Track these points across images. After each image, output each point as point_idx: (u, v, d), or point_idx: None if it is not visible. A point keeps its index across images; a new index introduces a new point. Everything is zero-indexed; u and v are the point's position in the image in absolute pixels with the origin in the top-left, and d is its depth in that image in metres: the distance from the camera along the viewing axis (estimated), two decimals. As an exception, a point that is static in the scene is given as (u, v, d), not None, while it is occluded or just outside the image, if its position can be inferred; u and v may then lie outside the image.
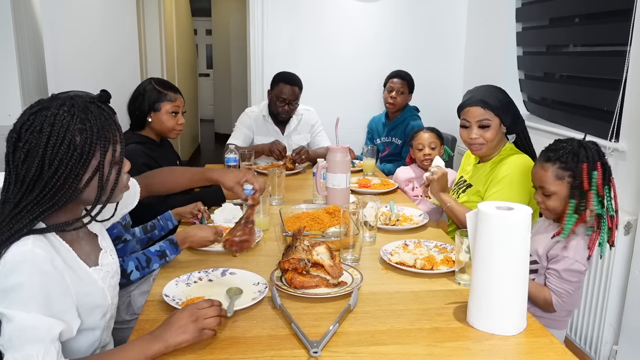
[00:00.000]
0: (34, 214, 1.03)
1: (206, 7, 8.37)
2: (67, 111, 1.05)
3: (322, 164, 2.18)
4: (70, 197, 1.07)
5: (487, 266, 1.21)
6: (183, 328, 1.10)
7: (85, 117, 1.06)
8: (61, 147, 1.04)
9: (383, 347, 1.15)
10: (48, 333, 1.00)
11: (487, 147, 1.93)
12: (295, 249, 1.42)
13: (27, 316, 0.98)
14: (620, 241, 2.17)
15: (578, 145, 1.51)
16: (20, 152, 1.04)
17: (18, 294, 0.98)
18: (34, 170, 1.03)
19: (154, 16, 5.08)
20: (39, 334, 0.99)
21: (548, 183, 1.53)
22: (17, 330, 0.97)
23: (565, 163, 1.50)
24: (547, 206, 1.56)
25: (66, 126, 1.04)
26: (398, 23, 3.83)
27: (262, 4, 3.66)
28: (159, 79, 2.31)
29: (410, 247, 1.72)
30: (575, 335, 2.43)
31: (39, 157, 1.03)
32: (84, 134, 1.06)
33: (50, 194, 1.05)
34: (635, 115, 2.17)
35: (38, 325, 0.99)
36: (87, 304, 1.12)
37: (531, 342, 1.19)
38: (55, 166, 1.04)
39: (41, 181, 1.04)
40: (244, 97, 5.17)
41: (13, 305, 0.98)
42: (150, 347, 1.07)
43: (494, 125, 1.89)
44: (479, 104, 1.88)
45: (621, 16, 2.30)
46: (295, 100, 3.02)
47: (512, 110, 1.92)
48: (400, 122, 3.37)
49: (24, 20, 2.53)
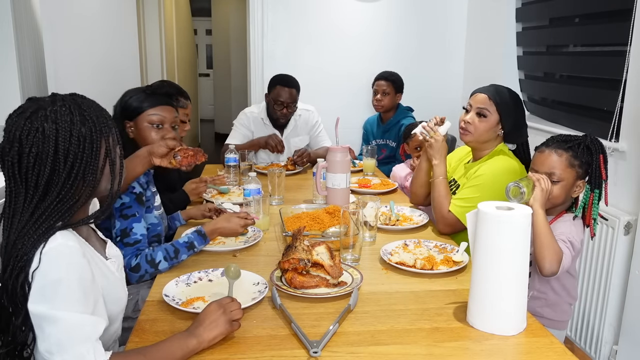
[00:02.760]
0: (56, 215, 1.02)
1: (206, 7, 8.37)
2: (63, 106, 1.05)
3: (322, 164, 2.18)
4: (91, 190, 1.08)
5: (487, 266, 1.21)
6: (215, 323, 1.14)
7: (80, 108, 1.07)
8: (72, 141, 1.04)
9: (383, 347, 1.15)
10: (94, 330, 1.01)
11: (475, 137, 1.88)
12: (295, 249, 1.42)
13: (73, 316, 0.98)
14: (620, 241, 2.17)
15: (591, 140, 1.58)
16: (29, 158, 1.01)
17: (59, 292, 0.97)
18: (48, 172, 1.02)
19: (154, 16, 5.08)
20: (87, 332, 1.00)
21: (559, 169, 1.56)
22: (65, 331, 0.97)
23: (577, 153, 1.56)
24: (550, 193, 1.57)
25: (69, 120, 1.04)
26: (398, 23, 3.83)
27: (262, 4, 3.66)
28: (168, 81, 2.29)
29: (410, 247, 1.72)
30: (575, 335, 2.43)
31: (51, 157, 1.02)
32: (86, 124, 1.06)
33: (71, 192, 1.04)
34: (635, 115, 2.17)
35: (84, 324, 1.00)
36: (110, 295, 1.14)
37: (531, 342, 1.19)
38: (71, 162, 1.04)
39: (57, 181, 1.03)
40: (244, 97, 5.17)
41: (57, 306, 0.97)
42: (187, 344, 1.10)
43: (490, 119, 1.85)
44: (488, 92, 1.87)
45: (621, 16, 2.30)
46: (292, 103, 2.99)
47: (516, 116, 1.88)
48: (394, 124, 3.35)
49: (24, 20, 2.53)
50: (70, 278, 0.99)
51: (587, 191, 1.59)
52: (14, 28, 2.38)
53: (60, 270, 0.98)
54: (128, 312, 1.66)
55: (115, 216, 1.56)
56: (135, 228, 1.56)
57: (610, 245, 2.21)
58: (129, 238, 1.55)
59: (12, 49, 2.36)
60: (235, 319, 1.16)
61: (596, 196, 1.57)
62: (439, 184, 1.92)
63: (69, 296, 0.98)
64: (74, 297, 0.99)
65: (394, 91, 3.33)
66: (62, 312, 0.97)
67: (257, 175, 2.28)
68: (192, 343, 1.10)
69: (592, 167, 1.56)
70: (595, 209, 1.59)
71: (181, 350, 1.08)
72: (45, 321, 0.98)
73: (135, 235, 1.56)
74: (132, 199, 1.57)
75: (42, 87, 2.48)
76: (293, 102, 3.00)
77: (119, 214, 1.56)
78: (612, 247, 2.20)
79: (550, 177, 1.56)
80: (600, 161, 1.56)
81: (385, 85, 3.32)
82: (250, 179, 2.09)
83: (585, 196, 1.59)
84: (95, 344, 1.01)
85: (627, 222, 2.15)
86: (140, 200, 1.60)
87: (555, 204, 1.60)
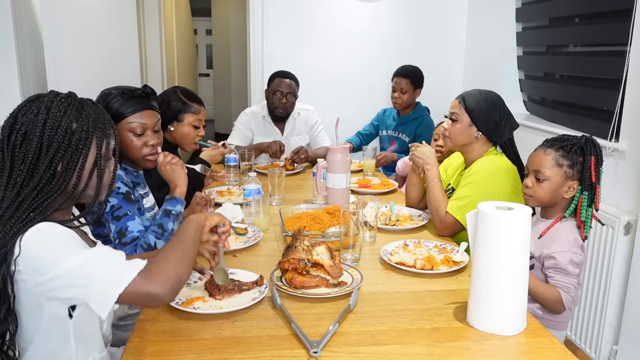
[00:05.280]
0: (34, 205, 1.05)
1: (206, 7, 8.36)
2: (64, 99, 1.11)
3: (322, 164, 2.18)
4: (72, 191, 1.09)
5: (487, 266, 1.21)
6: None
7: (80, 107, 1.11)
8: (58, 130, 1.07)
9: (383, 347, 1.15)
10: (114, 253, 1.05)
11: (452, 142, 1.92)
12: (295, 249, 1.42)
13: (79, 255, 1.00)
14: (620, 241, 2.17)
15: (585, 141, 1.56)
16: (17, 135, 1.06)
17: (59, 244, 1.01)
18: (33, 152, 1.05)
19: (154, 16, 5.07)
20: (108, 256, 1.04)
21: (545, 167, 1.56)
22: (84, 264, 0.99)
23: (568, 153, 1.55)
24: (535, 193, 1.58)
25: (63, 111, 1.08)
26: (398, 23, 3.83)
27: (262, 4, 3.66)
28: (185, 88, 2.26)
29: (410, 247, 1.72)
30: (575, 335, 2.43)
31: (37, 138, 1.06)
32: (80, 121, 1.09)
33: (51, 184, 1.06)
34: (635, 115, 2.17)
35: (99, 252, 1.04)
36: None
37: (531, 342, 1.19)
38: (53, 152, 1.06)
39: (40, 168, 1.06)
40: (244, 97, 5.17)
41: (70, 252, 1.00)
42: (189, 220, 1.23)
43: (461, 123, 1.89)
44: (459, 97, 1.92)
45: (621, 16, 2.30)
46: (291, 94, 3.01)
47: (491, 119, 1.87)
48: (411, 120, 3.33)
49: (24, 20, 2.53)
50: (58, 238, 1.02)
51: (578, 192, 1.56)
52: (14, 28, 2.38)
53: (49, 235, 1.01)
54: (124, 311, 1.67)
55: (108, 221, 1.56)
56: (130, 226, 1.56)
57: (610, 245, 2.21)
58: (126, 237, 1.55)
59: (12, 49, 2.36)
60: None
61: (585, 198, 1.54)
62: (434, 187, 1.92)
63: (65, 246, 1.01)
64: (69, 245, 1.02)
65: (412, 88, 3.31)
66: (69, 258, 0.99)
67: (257, 175, 2.28)
68: (192, 218, 1.23)
69: (584, 168, 1.54)
70: (584, 212, 1.55)
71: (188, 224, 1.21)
72: (58, 276, 0.99)
73: (131, 234, 1.56)
74: (120, 199, 1.57)
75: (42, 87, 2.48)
76: (292, 92, 3.01)
77: (111, 218, 1.56)
78: (612, 247, 2.20)
79: (536, 175, 1.58)
80: (591, 163, 1.52)
81: (403, 82, 3.30)
82: (250, 179, 2.09)
83: (576, 198, 1.56)
84: (130, 261, 1.05)
85: (627, 222, 2.15)
86: (128, 198, 1.59)
87: (543, 204, 1.61)
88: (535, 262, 1.58)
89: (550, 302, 1.52)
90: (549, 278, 1.53)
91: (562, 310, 1.53)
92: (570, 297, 1.50)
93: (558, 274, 1.51)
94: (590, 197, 1.54)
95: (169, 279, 1.04)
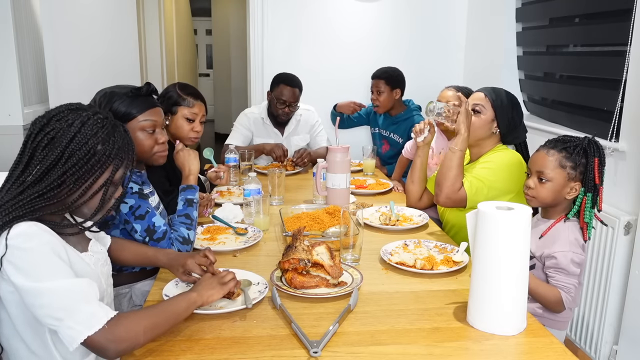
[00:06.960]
0: (34, 206, 1.06)
1: (206, 7, 8.37)
2: (100, 120, 1.12)
3: (322, 164, 2.18)
4: (70, 204, 1.10)
5: (487, 266, 1.21)
6: (210, 284, 1.27)
7: (112, 131, 1.13)
8: (83, 147, 1.09)
9: (383, 347, 1.15)
10: (92, 290, 1.05)
11: (470, 133, 1.85)
12: (295, 249, 1.42)
13: (64, 282, 1.01)
14: (620, 241, 2.17)
15: (588, 142, 1.55)
16: (45, 137, 1.07)
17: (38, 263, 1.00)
18: (53, 158, 1.07)
19: (154, 16, 5.08)
20: (87, 292, 1.03)
21: (549, 168, 1.56)
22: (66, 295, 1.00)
23: (571, 154, 1.55)
24: (538, 194, 1.58)
25: (94, 131, 1.10)
26: (398, 23, 3.83)
27: (262, 4, 3.66)
28: (184, 83, 2.25)
29: (410, 247, 1.72)
30: (575, 335, 2.43)
31: (61, 148, 1.07)
32: (105, 145, 1.11)
33: (53, 192, 1.07)
34: (635, 115, 2.17)
35: (82, 284, 1.03)
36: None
37: (531, 342, 1.19)
38: (70, 165, 1.07)
39: (53, 173, 1.07)
40: (244, 97, 5.17)
41: (42, 277, 0.99)
42: (188, 296, 1.21)
43: (485, 115, 1.87)
44: (485, 91, 1.91)
45: (621, 16, 2.30)
46: (295, 102, 2.99)
47: (512, 116, 1.89)
48: (403, 120, 3.23)
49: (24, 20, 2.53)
50: (43, 249, 1.02)
51: (581, 194, 1.56)
52: (14, 28, 2.38)
53: (32, 242, 1.01)
54: (124, 307, 1.67)
55: (131, 222, 1.56)
56: (156, 222, 1.57)
57: (610, 246, 2.21)
58: (157, 234, 1.56)
59: (12, 49, 2.37)
60: (225, 281, 1.27)
61: (589, 200, 1.54)
62: (458, 157, 1.81)
63: (49, 265, 1.01)
64: (53, 265, 1.01)
65: (388, 88, 3.18)
66: (50, 282, 0.99)
67: (257, 175, 2.28)
68: (192, 295, 1.21)
69: (587, 170, 1.54)
70: (587, 213, 1.55)
71: (185, 300, 1.19)
72: (38, 294, 0.99)
73: (160, 229, 1.57)
74: (136, 198, 1.58)
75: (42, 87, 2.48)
76: (295, 101, 2.99)
77: (133, 218, 1.56)
78: (612, 247, 2.20)
79: (539, 176, 1.58)
80: (594, 164, 1.52)
81: (379, 83, 3.19)
82: (250, 179, 2.10)
83: (579, 199, 1.56)
84: (100, 302, 1.04)
85: (627, 222, 2.15)
86: (143, 195, 1.60)
87: (545, 205, 1.61)
88: (536, 262, 1.58)
89: (550, 302, 1.52)
90: (549, 278, 1.53)
91: (562, 310, 1.54)
92: (570, 297, 1.50)
93: (559, 274, 1.51)
94: (594, 199, 1.54)
95: (127, 341, 1.04)
